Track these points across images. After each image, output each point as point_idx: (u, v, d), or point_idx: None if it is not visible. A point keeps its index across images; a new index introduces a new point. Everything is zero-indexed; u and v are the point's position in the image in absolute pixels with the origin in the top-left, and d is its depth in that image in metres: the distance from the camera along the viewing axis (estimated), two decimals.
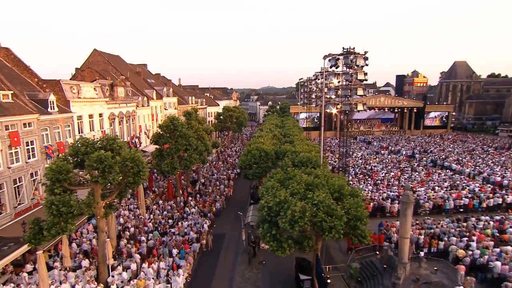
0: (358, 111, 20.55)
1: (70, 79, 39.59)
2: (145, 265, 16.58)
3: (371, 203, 25.50)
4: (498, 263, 16.20)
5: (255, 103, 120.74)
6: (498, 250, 17.50)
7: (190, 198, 28.41)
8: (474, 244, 18.40)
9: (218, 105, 75.77)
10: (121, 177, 14.20)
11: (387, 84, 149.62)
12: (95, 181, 13.09)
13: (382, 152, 48.76)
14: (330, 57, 20.03)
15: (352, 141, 62.13)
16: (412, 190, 28.50)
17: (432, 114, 73.03)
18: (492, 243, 18.47)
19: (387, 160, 41.68)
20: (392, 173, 34.42)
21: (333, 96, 20.48)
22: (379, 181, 31.33)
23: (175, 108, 56.62)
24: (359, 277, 16.73)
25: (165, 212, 25.30)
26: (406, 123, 71.41)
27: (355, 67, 19.19)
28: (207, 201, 27.58)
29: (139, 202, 24.88)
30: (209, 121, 66.01)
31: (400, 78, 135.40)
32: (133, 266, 16.70)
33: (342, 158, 22.54)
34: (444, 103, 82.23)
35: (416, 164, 40.10)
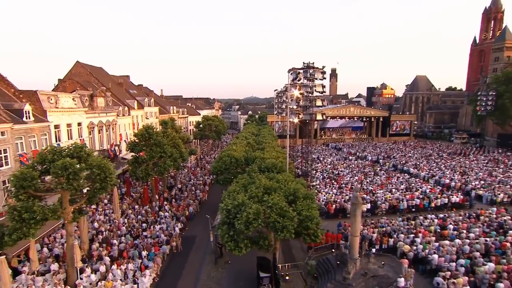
0: (317, 120, 21.22)
1: (53, 90, 38.97)
2: (114, 267, 16.48)
3: (334, 205, 26.17)
4: (436, 256, 17.15)
5: (236, 113, 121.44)
6: (437, 244, 18.46)
7: (165, 203, 28.32)
8: (418, 240, 19.37)
9: (200, 114, 75.68)
10: (87, 184, 14.17)
11: (359, 95, 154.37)
12: (61, 188, 13.03)
13: (350, 158, 50.02)
14: (292, 71, 20.73)
15: (324, 147, 63.86)
16: (372, 193, 29.84)
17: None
18: (433, 238, 19.48)
19: (353, 165, 42.82)
20: (356, 177, 35.44)
21: (295, 107, 21.05)
22: (343, 185, 32.23)
23: (156, 117, 56.23)
24: (315, 274, 17.21)
25: (139, 216, 25.07)
26: (374, 131, 73.51)
27: (313, 80, 19.93)
28: (181, 205, 27.56)
29: (114, 207, 24.61)
30: (190, 130, 65.86)
31: (370, 90, 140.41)
32: (102, 268, 16.49)
33: (304, 163, 23.02)
34: (407, 112, 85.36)
35: (379, 168, 41.43)
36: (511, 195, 28.73)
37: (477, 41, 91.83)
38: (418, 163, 43.59)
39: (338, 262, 17.13)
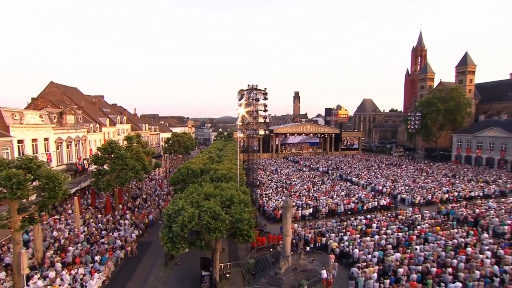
0: (260, 135, 22.18)
1: (25, 108, 37.48)
2: (64, 272, 15.82)
3: (280, 211, 26.82)
4: (356, 250, 18.21)
5: (208, 130, 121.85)
6: (359, 240, 19.64)
7: (128, 212, 27.63)
8: (346, 237, 20.46)
9: (171, 131, 74.94)
10: (35, 193, 13.75)
11: (318, 115, 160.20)
12: (4, 197, 12.57)
13: (304, 169, 51.58)
14: (239, 93, 21.69)
15: (283, 161, 65.30)
16: (316, 199, 31.01)
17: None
18: (358, 236, 20.69)
19: (305, 176, 44.23)
20: (305, 186, 36.68)
21: (240, 123, 21.92)
22: (293, 193, 33.22)
23: (128, 134, 55.12)
24: (253, 271, 17.54)
25: (99, 224, 24.23)
26: (328, 146, 76.54)
27: (256, 100, 20.98)
28: (141, 214, 27.00)
29: (75, 216, 23.65)
30: (161, 145, 64.87)
31: (328, 111, 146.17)
32: (51, 274, 15.73)
33: (249, 174, 23.69)
34: (356, 130, 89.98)
35: (327, 178, 43.15)
36: (426, 198, 31.22)
37: (409, 73, 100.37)
38: (360, 173, 45.95)
39: (273, 260, 17.68)
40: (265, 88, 21.27)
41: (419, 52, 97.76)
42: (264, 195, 31.89)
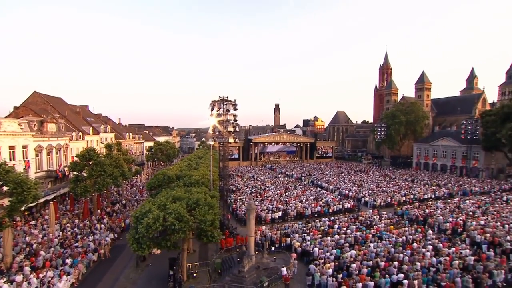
0: (230, 142, 22.62)
1: (6, 117, 36.22)
2: (32, 275, 15.27)
3: None
4: (316, 249, 18.75)
5: (193, 139, 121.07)
6: (320, 240, 20.24)
7: (105, 216, 27.06)
8: (308, 237, 21.00)
9: (155, 140, 73.96)
10: (3, 198, 13.40)
11: (297, 126, 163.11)
12: None
13: (279, 176, 52.27)
14: (211, 104, 22.16)
15: (261, 168, 65.82)
16: (286, 203, 31.55)
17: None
18: (320, 236, 21.29)
19: (279, 182, 44.86)
20: (278, 191, 37.24)
21: (211, 132, 22.32)
22: (265, 197, 33.66)
23: (111, 142, 54.12)
24: (219, 270, 17.64)
25: (75, 229, 23.55)
26: (303, 154, 77.98)
27: (226, 111, 21.52)
28: (118, 218, 26.49)
29: (50, 221, 22.89)
30: (145, 153, 63.95)
31: (305, 122, 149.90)
32: (18, 278, 15.12)
33: (224, 180, 23.96)
34: (329, 139, 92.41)
35: (299, 184, 43.95)
36: (386, 200, 32.58)
37: (377, 88, 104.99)
38: (330, 179, 47.18)
39: (238, 259, 17.87)
40: (235, 100, 21.89)
41: (385, 70, 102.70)
42: (238, 200, 32.11)
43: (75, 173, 26.85)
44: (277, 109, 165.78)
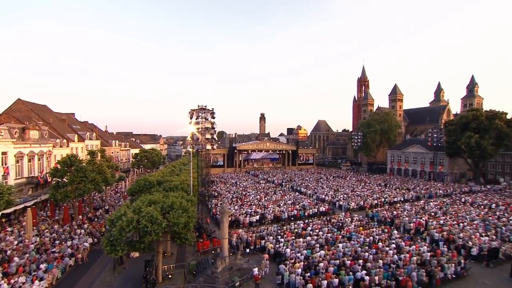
0: (208, 149, 22.96)
1: None
2: (2, 281, 14.80)
3: (230, 218, 27.28)
4: (288, 250, 19.19)
5: (180, 147, 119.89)
6: (292, 241, 20.71)
7: (86, 222, 26.55)
8: (282, 239, 21.43)
9: (141, 147, 72.86)
10: None
11: (281, 134, 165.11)
12: None
13: (261, 182, 52.67)
14: (189, 112, 22.54)
15: (245, 174, 66.07)
16: (265, 207, 31.95)
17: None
18: (293, 237, 21.76)
19: (260, 187, 45.23)
20: (258, 196, 37.59)
21: (189, 139, 22.63)
22: (245, 202, 33.91)
23: (97, 149, 53.07)
24: (194, 271, 17.70)
25: (54, 234, 22.93)
26: (286, 161, 78.95)
27: (204, 119, 21.94)
28: (99, 223, 26.00)
29: (26, 227, 22.21)
30: (131, 160, 62.94)
31: (289, 130, 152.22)
32: None
33: (205, 185, 24.16)
34: (311, 147, 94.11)
35: (279, 189, 44.48)
36: (359, 203, 33.64)
37: (356, 99, 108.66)
38: (309, 184, 48.08)
39: (212, 261, 18.01)
40: (213, 108, 22.38)
41: (362, 82, 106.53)
42: (218, 205, 32.16)
43: (55, 179, 26.24)
44: (262, 118, 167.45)
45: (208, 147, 22.21)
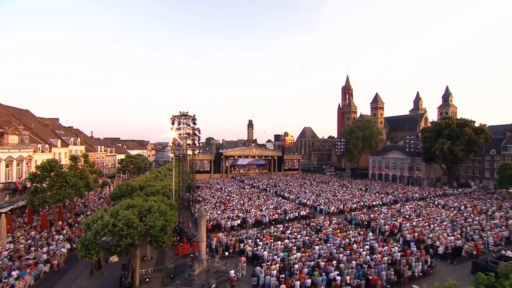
0: (188, 154, 23.20)
1: None
2: None
3: (212, 222, 27.41)
4: (265, 252, 19.55)
5: (168, 153, 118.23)
6: (271, 244, 21.08)
7: (66, 227, 25.99)
8: (260, 242, 21.75)
9: (128, 153, 71.70)
10: None
11: (269, 141, 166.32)
12: None
13: (246, 187, 52.88)
14: (171, 118, 22.78)
15: (231, 180, 66.11)
16: (247, 211, 32.21)
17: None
18: (271, 240, 22.14)
19: (244, 192, 45.45)
20: (242, 201, 37.80)
21: (171, 144, 22.83)
22: (228, 207, 34.05)
23: (81, 155, 52.05)
24: (172, 275, 17.72)
25: (29, 241, 22.30)
26: (272, 167, 79.59)
27: (186, 125, 22.24)
28: (80, 229, 25.53)
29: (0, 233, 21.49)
30: (117, 166, 61.96)
31: (277, 137, 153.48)
32: None
33: (188, 191, 24.25)
34: (296, 153, 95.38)
35: (263, 194, 44.84)
36: (339, 207, 34.50)
37: (341, 106, 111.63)
38: (293, 189, 48.74)
39: (190, 264, 18.12)
40: (194, 115, 22.74)
41: (347, 90, 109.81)
42: (203, 209, 32.16)
43: (34, 184, 25.63)
44: (250, 125, 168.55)
45: (189, 152, 22.45)
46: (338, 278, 16.16)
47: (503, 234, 23.34)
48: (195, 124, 22.81)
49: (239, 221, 28.13)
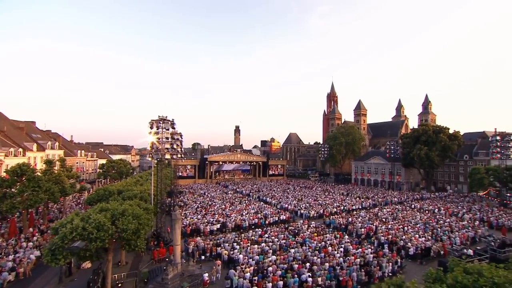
0: (167, 159, 23.32)
1: None
2: None
3: (190, 227, 27.39)
4: (241, 256, 19.82)
5: (147, 157, 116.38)
6: (247, 248, 21.38)
7: (37, 234, 25.17)
8: (237, 246, 22.01)
9: (110, 158, 70.17)
10: None
11: (255, 146, 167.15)
12: None
13: (229, 192, 52.97)
14: (150, 122, 22.87)
15: (215, 185, 65.98)
16: (228, 216, 32.37)
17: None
18: (248, 244, 22.44)
19: (227, 197, 45.54)
20: (223, 206, 37.90)
21: (149, 149, 22.89)
22: (209, 212, 34.07)
23: (56, 159, 50.53)
24: (146, 279, 17.66)
25: None
26: (257, 172, 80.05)
27: (165, 129, 22.40)
28: (52, 235, 24.81)
29: None
30: (98, 171, 60.48)
31: (263, 142, 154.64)
32: None
33: (170, 196, 24.24)
34: (282, 158, 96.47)
35: (246, 199, 45.07)
36: (319, 212, 35.29)
37: (326, 113, 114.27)
38: (276, 194, 49.27)
39: (164, 268, 18.12)
40: (173, 119, 22.97)
41: (332, 97, 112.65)
42: (182, 214, 32.07)
43: (3, 189, 24.74)
44: (237, 130, 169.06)
45: (168, 156, 22.57)
46: (310, 279, 16.66)
47: (469, 234, 24.80)
48: (174, 128, 23.01)
49: (218, 226, 28.25)
